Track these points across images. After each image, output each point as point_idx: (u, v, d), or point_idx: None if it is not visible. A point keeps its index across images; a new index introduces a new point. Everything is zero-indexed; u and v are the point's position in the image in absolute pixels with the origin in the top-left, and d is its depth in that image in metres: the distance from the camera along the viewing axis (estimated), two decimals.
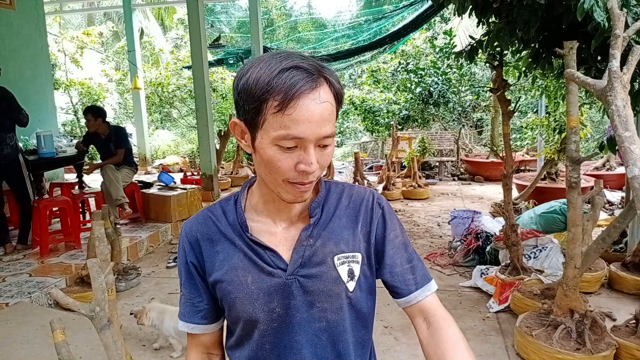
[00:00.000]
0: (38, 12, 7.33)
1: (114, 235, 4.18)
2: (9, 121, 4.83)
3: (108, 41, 17.32)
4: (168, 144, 13.50)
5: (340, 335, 1.03)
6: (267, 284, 1.00)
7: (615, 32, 1.94)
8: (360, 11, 11.01)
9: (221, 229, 1.05)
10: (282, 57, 0.89)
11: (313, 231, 1.02)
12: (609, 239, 3.13)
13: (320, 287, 1.00)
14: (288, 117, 0.86)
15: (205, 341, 1.12)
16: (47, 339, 3.22)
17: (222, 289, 1.02)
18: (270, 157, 0.90)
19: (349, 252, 1.03)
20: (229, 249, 1.03)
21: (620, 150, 1.85)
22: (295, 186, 0.93)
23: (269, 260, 1.00)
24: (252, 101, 0.88)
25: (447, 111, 10.62)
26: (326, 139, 0.91)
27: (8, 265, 4.59)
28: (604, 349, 2.80)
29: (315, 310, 1.01)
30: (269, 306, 1.00)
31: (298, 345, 1.01)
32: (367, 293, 1.07)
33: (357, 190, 1.11)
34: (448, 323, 1.03)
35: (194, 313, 1.09)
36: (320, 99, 0.88)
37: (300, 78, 0.86)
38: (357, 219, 1.06)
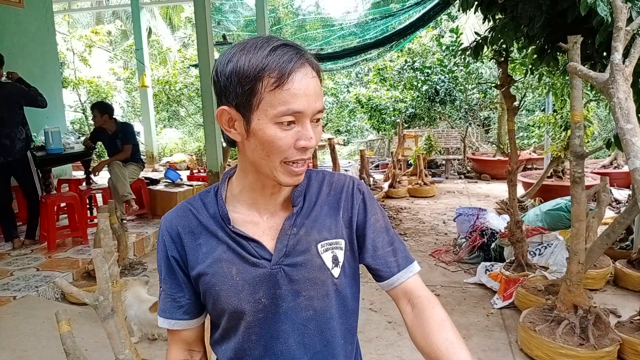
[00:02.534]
0: (47, 11, 7.40)
1: (120, 231, 4.22)
2: (19, 116, 4.89)
3: (116, 40, 17.44)
4: (175, 142, 13.57)
5: (327, 322, 1.03)
6: (252, 275, 0.99)
7: (618, 25, 1.94)
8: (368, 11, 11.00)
9: (202, 221, 1.03)
10: (267, 39, 0.90)
11: (296, 220, 1.02)
12: (613, 235, 3.11)
13: (305, 275, 1.00)
14: (287, 92, 0.87)
15: (187, 337, 1.11)
16: (53, 331, 3.26)
17: (206, 282, 1.01)
18: (270, 137, 0.90)
19: (332, 239, 1.03)
20: (211, 242, 1.02)
21: (622, 142, 1.85)
22: (292, 167, 0.93)
23: (253, 251, 1.00)
24: (247, 82, 0.88)
25: (453, 109, 10.59)
26: (319, 113, 0.93)
27: (16, 259, 4.64)
28: (608, 344, 2.80)
29: (302, 299, 1.01)
30: (255, 297, 0.99)
31: (284, 335, 1.01)
32: (351, 278, 1.08)
33: (337, 177, 1.11)
34: (432, 304, 1.03)
35: (175, 309, 1.07)
36: (311, 73, 0.90)
37: (292, 54, 0.88)
38: (338, 206, 1.06)
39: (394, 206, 7.32)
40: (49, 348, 3.13)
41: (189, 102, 13.02)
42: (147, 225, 5.83)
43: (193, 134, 13.91)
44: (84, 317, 3.61)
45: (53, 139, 5.60)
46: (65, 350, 1.96)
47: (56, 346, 3.04)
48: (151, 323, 3.25)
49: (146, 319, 3.25)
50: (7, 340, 3.17)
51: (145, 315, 3.24)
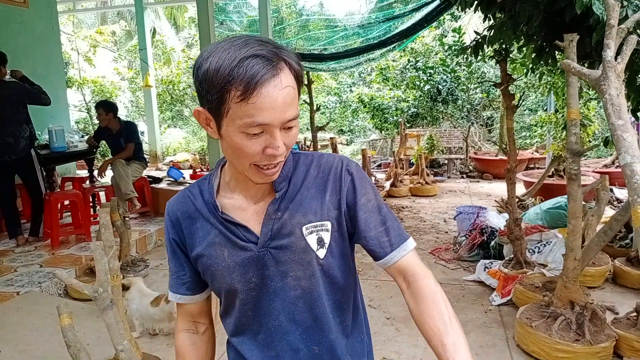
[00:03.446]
0: (51, 11, 7.46)
1: (122, 228, 4.25)
2: (23, 114, 4.95)
3: (121, 40, 17.53)
4: (179, 141, 13.63)
5: (315, 300, 1.08)
6: (242, 257, 1.06)
7: (610, 22, 1.96)
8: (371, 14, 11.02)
9: (198, 207, 1.10)
10: (241, 44, 0.90)
11: (280, 205, 1.06)
12: (610, 232, 3.13)
13: (291, 257, 1.05)
14: (252, 106, 0.88)
15: (192, 310, 1.21)
16: (55, 326, 3.30)
17: (203, 263, 1.09)
18: (237, 144, 0.94)
19: (317, 222, 1.06)
20: (206, 226, 1.09)
21: (613, 138, 1.87)
22: (262, 170, 0.98)
23: (241, 236, 1.06)
24: (215, 91, 0.90)
25: (456, 109, 10.61)
26: (290, 121, 0.94)
27: (20, 256, 4.70)
28: (604, 340, 2.81)
29: (289, 279, 1.06)
30: (245, 277, 1.06)
31: (275, 312, 1.08)
32: (339, 258, 1.10)
33: (326, 159, 1.13)
34: (427, 280, 1.04)
35: (180, 285, 1.17)
36: (282, 84, 0.90)
37: (260, 67, 0.88)
38: (325, 188, 1.08)
39: (396, 205, 7.35)
40: (52, 342, 3.17)
41: (192, 101, 13.09)
42: (150, 223, 5.88)
43: (197, 133, 13.97)
44: (86, 312, 3.66)
45: (57, 137, 5.66)
46: (66, 342, 2.00)
47: (58, 340, 3.08)
48: (152, 317, 3.29)
49: (147, 313, 3.29)
50: (10, 334, 3.22)
51: (146, 310, 3.29)
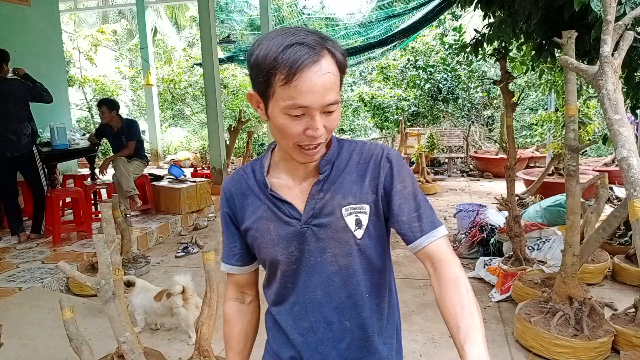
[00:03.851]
0: (53, 9, 7.49)
1: (124, 225, 4.28)
2: (25, 112, 4.98)
3: (122, 39, 17.54)
4: (180, 140, 13.65)
5: (350, 277, 1.15)
6: (286, 232, 1.15)
7: (607, 18, 1.98)
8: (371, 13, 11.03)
9: (250, 185, 1.21)
10: (287, 34, 0.99)
11: (323, 186, 1.14)
12: (609, 228, 3.15)
13: (330, 235, 1.13)
14: (294, 89, 0.97)
15: (240, 280, 1.32)
16: (57, 321, 3.32)
17: (251, 236, 1.19)
18: (281, 124, 1.03)
19: (356, 204, 1.13)
20: (256, 202, 1.19)
21: (610, 132, 1.89)
22: (304, 149, 1.06)
23: (287, 212, 1.15)
24: (262, 75, 0.99)
25: (456, 108, 10.62)
26: (330, 105, 1.01)
27: (22, 253, 4.72)
28: (602, 335, 2.84)
29: (328, 255, 1.14)
30: (288, 250, 1.15)
31: (313, 286, 1.16)
32: (377, 240, 1.17)
33: (368, 146, 1.20)
34: (450, 264, 1.07)
35: (231, 256, 1.27)
36: (322, 70, 0.98)
37: (303, 53, 0.96)
38: (365, 173, 1.15)
39: None
40: (53, 337, 3.20)
41: (193, 100, 13.11)
42: (151, 221, 5.90)
43: (197, 132, 13.99)
44: (87, 308, 3.68)
45: (58, 134, 5.68)
46: (68, 335, 2.02)
47: (60, 335, 3.11)
48: (155, 312, 3.32)
49: (151, 307, 3.32)
50: (13, 329, 3.24)
51: (150, 304, 3.31)
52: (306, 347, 1.19)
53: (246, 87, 12.90)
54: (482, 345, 0.92)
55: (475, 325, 0.96)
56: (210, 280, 2.51)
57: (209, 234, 5.95)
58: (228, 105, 12.41)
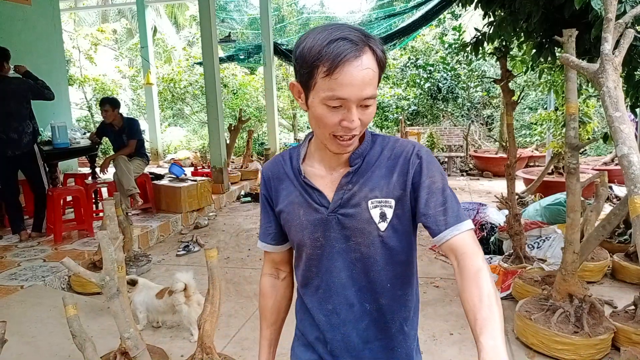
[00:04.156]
0: (53, 8, 7.50)
1: (125, 223, 4.29)
2: (27, 110, 4.98)
3: (122, 38, 17.54)
4: (180, 140, 13.65)
5: (372, 265, 1.21)
6: (313, 217, 1.21)
7: (608, 16, 1.99)
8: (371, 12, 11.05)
9: (286, 170, 1.28)
10: (333, 29, 1.05)
11: (352, 178, 1.19)
12: (609, 226, 3.16)
13: (354, 225, 1.18)
14: (334, 81, 1.02)
15: (275, 258, 1.40)
16: (59, 318, 3.35)
17: (284, 218, 1.27)
18: (319, 114, 1.08)
19: (382, 198, 1.17)
20: (290, 187, 1.26)
21: (610, 130, 1.91)
22: (339, 141, 1.11)
23: (316, 199, 1.21)
24: (306, 67, 1.05)
25: (456, 107, 10.63)
26: (367, 100, 1.06)
27: (23, 251, 4.73)
28: (602, 332, 2.85)
29: (351, 243, 1.20)
30: (314, 235, 1.22)
31: (337, 270, 1.23)
32: (401, 234, 1.21)
33: (400, 143, 1.24)
34: (473, 257, 1.08)
35: (266, 235, 1.36)
36: (362, 65, 1.03)
37: (345, 48, 1.01)
38: (394, 169, 1.19)
39: None
40: (56, 334, 3.21)
41: (193, 100, 13.11)
42: (152, 219, 5.91)
43: (197, 131, 14.00)
44: (89, 306, 3.69)
45: (59, 133, 5.69)
46: (72, 332, 2.03)
47: (62, 332, 3.12)
48: (157, 309, 3.33)
49: (153, 305, 3.33)
50: (15, 326, 3.25)
51: (152, 301, 3.32)
52: (329, 328, 1.26)
53: (245, 87, 12.91)
54: (499, 337, 0.92)
55: (493, 317, 0.95)
56: (212, 278, 2.52)
57: (209, 233, 5.97)
58: (228, 105, 12.42)
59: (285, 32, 12.13)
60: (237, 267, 4.69)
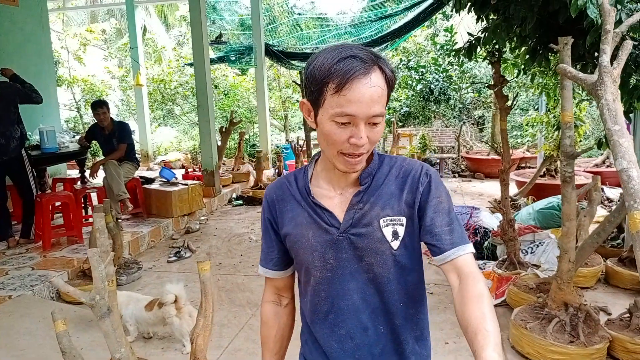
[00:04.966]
0: (41, 9, 7.38)
1: (115, 230, 4.22)
2: (14, 115, 4.90)
3: (111, 38, 17.37)
4: (170, 140, 13.55)
5: (385, 285, 1.20)
6: (324, 239, 1.20)
7: (606, 28, 1.97)
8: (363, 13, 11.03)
9: (292, 192, 1.27)
10: (344, 48, 1.07)
11: (363, 197, 1.19)
12: (604, 233, 3.15)
13: (367, 245, 1.17)
14: (343, 98, 1.04)
15: (277, 284, 1.37)
16: (48, 330, 3.28)
17: (290, 240, 1.25)
18: (328, 131, 1.09)
19: (394, 216, 1.18)
20: (297, 209, 1.24)
21: (609, 144, 1.89)
22: (347, 158, 1.11)
23: (327, 219, 1.20)
24: (316, 84, 1.07)
25: (447, 108, 10.63)
26: (375, 117, 1.07)
27: (11, 259, 4.65)
28: (598, 341, 2.84)
29: (364, 264, 1.19)
30: (325, 257, 1.20)
31: (350, 292, 1.20)
32: (412, 251, 1.21)
33: (408, 162, 1.25)
34: (475, 280, 1.10)
35: (268, 261, 1.33)
36: (371, 83, 1.04)
37: (355, 65, 1.03)
38: (404, 187, 1.20)
39: None
40: (45, 347, 3.14)
41: (184, 100, 13.01)
42: (142, 224, 5.84)
43: (188, 132, 13.90)
44: (79, 316, 3.63)
45: (48, 138, 5.60)
46: (61, 349, 1.97)
47: (51, 345, 3.06)
48: (147, 321, 3.27)
49: (142, 317, 3.26)
50: (2, 339, 3.19)
51: (141, 314, 3.26)
52: (342, 354, 1.23)
53: (237, 88, 12.83)
54: (498, 350, 0.94)
55: (495, 333, 0.98)
56: (205, 291, 2.46)
57: (201, 238, 5.91)
58: (219, 106, 12.34)
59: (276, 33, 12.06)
60: (229, 274, 4.64)
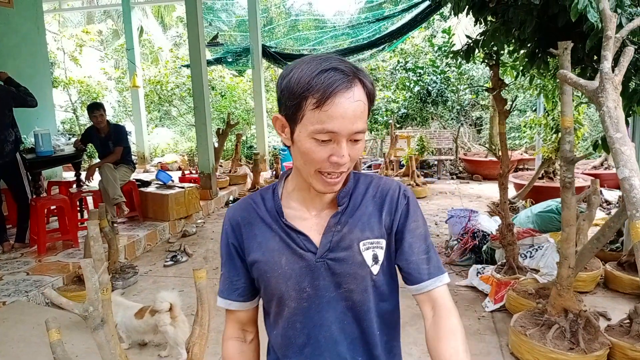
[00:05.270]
0: (37, 10, 7.33)
1: (111, 234, 4.19)
2: (9, 118, 4.85)
3: (107, 39, 17.32)
4: (167, 142, 13.50)
5: (365, 314, 1.12)
6: (299, 265, 1.10)
7: (607, 34, 1.95)
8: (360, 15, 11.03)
9: (260, 214, 1.15)
10: (322, 60, 0.99)
11: (341, 218, 1.11)
12: (603, 238, 3.12)
13: (346, 270, 1.09)
14: (325, 113, 0.96)
15: (241, 317, 1.24)
16: (43, 337, 3.23)
17: (259, 269, 1.13)
18: (306, 149, 1.00)
19: (374, 239, 1.11)
20: (266, 233, 1.13)
21: (611, 151, 1.86)
22: (326, 177, 1.03)
23: (301, 244, 1.10)
24: (293, 98, 0.98)
25: (445, 110, 10.62)
26: (357, 134, 1.00)
27: (5, 263, 4.60)
28: (598, 348, 2.81)
29: (342, 291, 1.11)
30: (300, 285, 1.10)
31: (328, 322, 1.11)
32: (389, 277, 1.16)
33: (384, 181, 1.19)
34: (450, 314, 1.09)
35: (232, 291, 1.20)
36: (354, 97, 0.97)
37: (337, 79, 0.96)
38: (382, 208, 1.14)
39: None
40: (39, 354, 3.10)
41: (180, 101, 12.96)
42: (138, 228, 5.80)
43: (185, 133, 13.85)
44: (74, 322, 3.58)
45: (43, 141, 5.55)
46: (55, 358, 1.94)
47: (46, 352, 3.01)
48: (137, 330, 3.21)
49: (132, 325, 3.20)
50: None
51: (131, 322, 3.20)
52: None
53: (234, 89, 12.79)
54: None
55: None
56: (201, 299, 2.43)
57: (197, 241, 5.87)
58: (216, 107, 12.29)
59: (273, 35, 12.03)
60: None
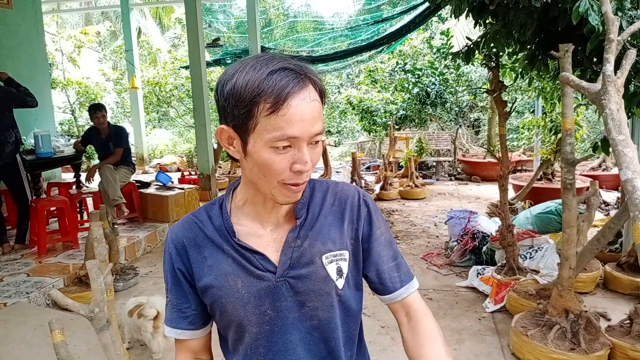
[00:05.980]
0: (35, 12, 7.33)
1: (111, 236, 4.19)
2: (9, 119, 4.85)
3: (106, 40, 17.29)
4: (166, 143, 13.49)
5: (332, 332, 1.05)
6: (257, 288, 1.00)
7: (610, 37, 1.97)
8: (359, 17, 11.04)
9: (207, 234, 1.04)
10: (267, 59, 0.89)
11: (300, 232, 1.03)
12: (603, 239, 3.14)
13: (310, 287, 1.01)
14: (282, 118, 0.86)
15: (193, 346, 1.12)
16: (45, 338, 3.24)
17: (213, 294, 1.02)
18: (265, 160, 0.90)
19: (337, 251, 1.04)
20: (217, 254, 1.02)
21: (613, 153, 1.87)
22: (289, 187, 0.94)
23: (258, 264, 1.01)
24: (243, 106, 0.88)
25: (444, 111, 10.65)
26: (317, 136, 0.92)
27: (6, 265, 4.59)
28: (599, 349, 2.83)
29: (307, 310, 1.02)
30: (260, 309, 1.01)
31: (293, 345, 1.03)
32: (354, 289, 1.09)
33: (341, 187, 1.11)
34: (427, 318, 1.07)
35: (181, 319, 1.08)
36: (310, 97, 0.89)
37: (289, 79, 0.87)
38: (343, 217, 1.07)
39: (386, 208, 7.35)
40: (41, 355, 3.10)
41: (179, 103, 12.96)
42: (139, 229, 5.80)
43: (183, 134, 13.84)
44: (76, 323, 3.58)
45: (43, 142, 5.55)
46: (58, 359, 1.95)
47: (48, 353, 3.01)
48: (128, 326, 3.22)
49: (125, 322, 3.21)
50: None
51: (125, 319, 3.20)
52: None
53: None
54: None
55: None
56: None
57: None
58: (215, 109, 12.28)
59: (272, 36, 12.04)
60: None
